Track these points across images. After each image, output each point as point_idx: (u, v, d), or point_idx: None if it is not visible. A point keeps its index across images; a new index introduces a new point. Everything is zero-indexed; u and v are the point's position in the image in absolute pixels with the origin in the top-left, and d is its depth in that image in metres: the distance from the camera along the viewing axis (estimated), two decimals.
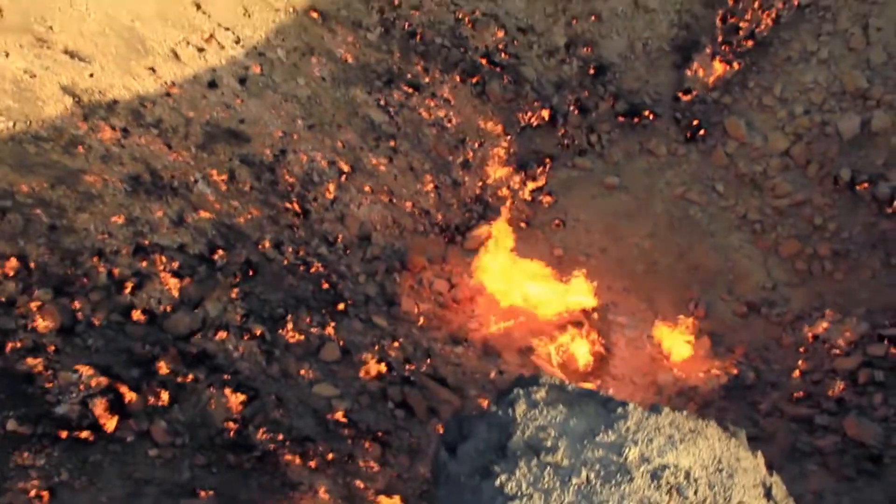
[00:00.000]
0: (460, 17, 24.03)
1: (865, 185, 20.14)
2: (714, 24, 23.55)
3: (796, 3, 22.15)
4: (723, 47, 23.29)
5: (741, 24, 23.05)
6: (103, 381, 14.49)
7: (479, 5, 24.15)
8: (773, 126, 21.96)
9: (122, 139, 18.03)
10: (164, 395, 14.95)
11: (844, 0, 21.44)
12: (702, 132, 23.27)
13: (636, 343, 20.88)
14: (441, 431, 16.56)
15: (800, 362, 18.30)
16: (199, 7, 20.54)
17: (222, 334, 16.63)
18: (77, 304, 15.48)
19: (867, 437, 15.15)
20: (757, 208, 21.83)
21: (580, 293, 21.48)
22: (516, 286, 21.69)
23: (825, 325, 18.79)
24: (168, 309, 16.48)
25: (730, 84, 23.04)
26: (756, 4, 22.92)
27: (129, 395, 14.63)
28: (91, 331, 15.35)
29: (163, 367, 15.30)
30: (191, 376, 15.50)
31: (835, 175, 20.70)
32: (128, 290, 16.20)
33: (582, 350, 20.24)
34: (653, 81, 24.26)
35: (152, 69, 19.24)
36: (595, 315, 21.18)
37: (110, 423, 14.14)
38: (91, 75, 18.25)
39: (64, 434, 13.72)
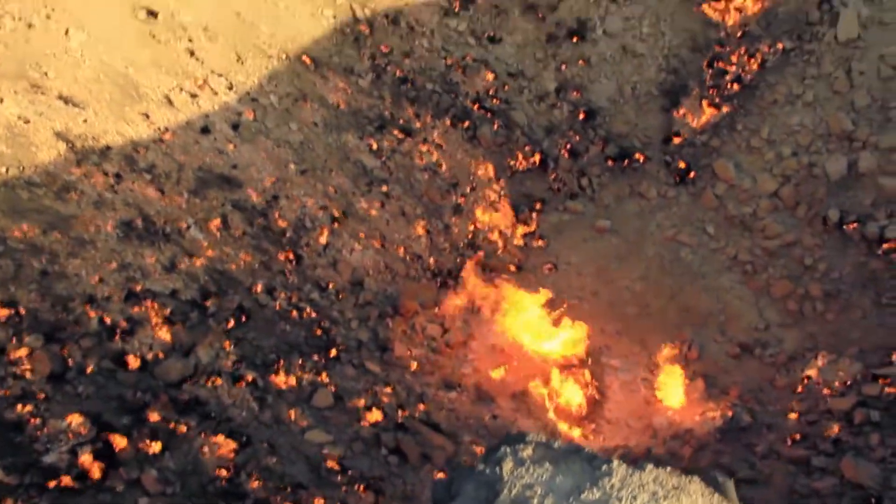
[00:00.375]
0: (451, 63, 24.36)
1: (854, 225, 20.30)
2: (701, 68, 23.94)
3: (781, 47, 22.56)
4: (710, 91, 23.64)
5: (728, 69, 23.44)
6: (93, 429, 14.30)
7: (470, 51, 24.50)
8: (761, 168, 22.20)
9: (115, 185, 18.04)
10: (155, 443, 14.73)
11: (827, 45, 21.84)
12: (691, 175, 23.50)
13: (630, 386, 20.79)
14: (433, 482, 16.41)
15: (795, 403, 18.23)
16: (192, 54, 20.74)
17: (214, 381, 16.46)
18: (68, 351, 15.32)
19: (865, 479, 15.02)
20: (747, 249, 21.95)
21: (573, 336, 21.46)
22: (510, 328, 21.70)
23: (819, 365, 18.77)
24: (160, 355, 16.32)
25: (718, 127, 23.33)
26: (742, 49, 23.34)
27: (120, 443, 14.41)
28: (82, 378, 15.16)
29: (154, 415, 15.09)
30: (182, 423, 15.28)
31: (823, 216, 20.88)
32: (119, 337, 16.06)
33: (576, 394, 20.15)
34: (642, 125, 24.56)
35: (146, 115, 19.34)
36: (588, 358, 21.12)
37: (99, 472, 13.91)
38: (85, 121, 18.33)
39: (52, 484, 13.46)
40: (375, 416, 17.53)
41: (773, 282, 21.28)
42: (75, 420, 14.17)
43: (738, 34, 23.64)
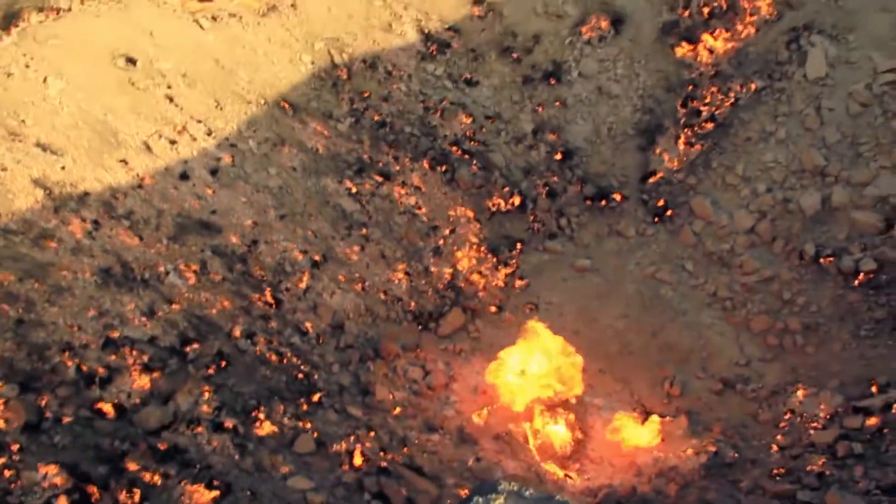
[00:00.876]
0: (429, 106, 24.62)
1: (830, 258, 20.57)
2: (675, 107, 24.34)
3: (753, 86, 23.01)
4: (685, 130, 24.01)
5: (701, 108, 23.84)
6: (70, 480, 14.02)
7: (448, 94, 24.79)
8: (737, 204, 22.50)
9: (93, 231, 17.97)
10: (134, 493, 14.47)
11: (797, 83, 22.32)
12: (669, 212, 23.75)
13: (614, 424, 20.69)
14: None
15: (778, 437, 18.24)
16: (171, 100, 20.85)
17: (194, 428, 16.25)
18: (44, 400, 15.09)
19: None
20: (726, 285, 22.13)
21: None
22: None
23: (800, 399, 18.85)
24: (138, 403, 16.12)
25: (694, 165, 23.65)
26: (715, 88, 23.78)
27: (97, 494, 14.14)
28: (58, 427, 14.91)
29: (132, 464, 14.84)
30: (161, 472, 15.03)
31: (800, 250, 21.15)
32: (97, 385, 15.85)
33: (560, 433, 20.02)
34: (619, 164, 24.87)
35: (124, 161, 19.35)
36: (571, 398, 21.02)
37: None
38: (63, 168, 18.31)
39: None
40: (358, 460, 17.34)
41: (752, 317, 21.42)
42: (51, 471, 13.90)
43: (711, 74, 24.12)
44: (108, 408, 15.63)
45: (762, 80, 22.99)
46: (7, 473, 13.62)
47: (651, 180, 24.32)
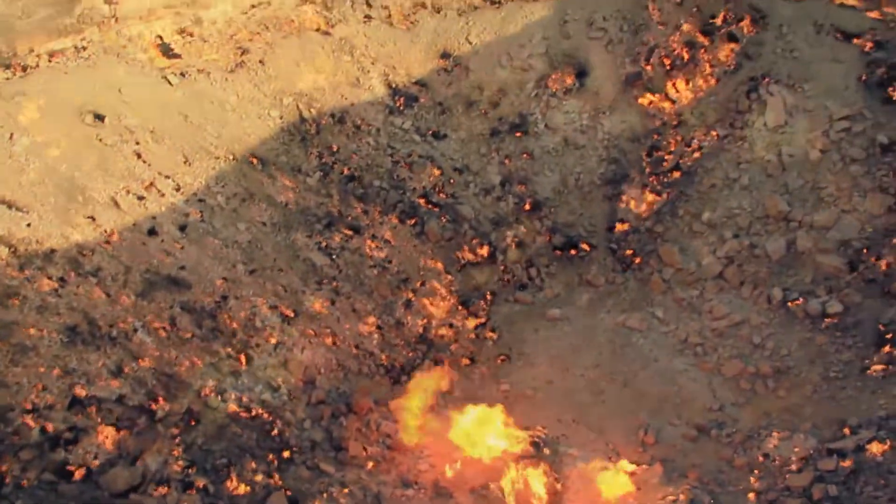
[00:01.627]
0: (397, 160, 24.82)
1: (797, 301, 20.86)
2: (641, 157, 24.75)
3: (715, 134, 23.51)
4: (651, 178, 24.41)
5: (666, 157, 24.28)
6: None
7: (416, 148, 25.01)
8: (705, 251, 22.79)
9: (60, 289, 17.70)
10: None
11: (758, 131, 22.88)
12: (637, 260, 24.00)
13: (590, 474, 20.53)
14: None
15: (754, 482, 18.18)
16: (139, 156, 20.80)
17: (163, 489, 15.85)
18: (6, 465, 14.64)
19: None
20: (697, 331, 22.28)
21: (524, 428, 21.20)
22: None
23: (774, 443, 18.84)
24: (105, 464, 15.71)
25: (660, 213, 23.98)
26: (679, 137, 24.25)
27: None
28: (20, 492, 14.45)
29: None
30: None
31: (768, 294, 21.44)
32: (62, 446, 15.44)
33: (536, 485, 19.79)
34: (587, 214, 25.14)
35: (91, 218, 19.20)
36: (546, 448, 20.86)
37: None
38: (28, 225, 18.12)
39: None
40: None
41: (724, 362, 21.54)
42: None
43: (674, 123, 24.62)
44: (73, 470, 15.21)
45: (724, 128, 23.53)
46: None
47: (619, 229, 24.60)
